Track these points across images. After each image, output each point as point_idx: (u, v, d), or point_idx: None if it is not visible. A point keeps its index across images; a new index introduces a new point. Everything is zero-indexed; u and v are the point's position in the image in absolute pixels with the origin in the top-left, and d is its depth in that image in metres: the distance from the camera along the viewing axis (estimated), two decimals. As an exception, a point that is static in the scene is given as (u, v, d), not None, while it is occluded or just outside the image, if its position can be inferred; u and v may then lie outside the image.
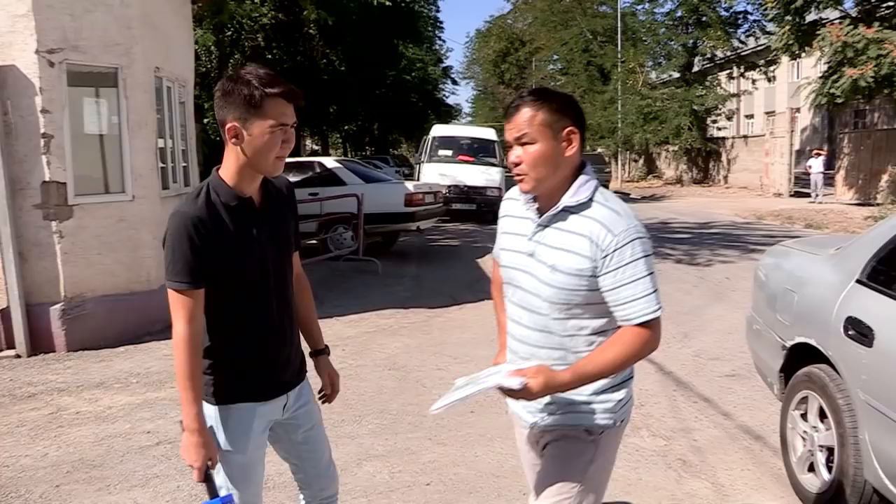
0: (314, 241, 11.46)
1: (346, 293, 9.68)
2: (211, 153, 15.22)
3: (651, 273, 2.06)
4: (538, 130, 2.06)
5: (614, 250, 2.03)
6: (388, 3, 25.45)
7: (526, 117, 2.07)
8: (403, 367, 6.47)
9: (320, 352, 2.73)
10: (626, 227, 2.05)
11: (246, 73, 2.19)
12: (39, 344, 6.81)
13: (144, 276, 7.41)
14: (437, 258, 12.97)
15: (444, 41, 42.25)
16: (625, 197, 30.50)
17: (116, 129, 7.26)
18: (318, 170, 12.66)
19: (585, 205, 2.10)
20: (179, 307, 2.23)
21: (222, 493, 2.34)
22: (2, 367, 6.50)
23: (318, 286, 9.81)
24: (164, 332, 7.55)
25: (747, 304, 5.13)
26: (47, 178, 6.70)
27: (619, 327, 2.11)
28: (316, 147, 42.17)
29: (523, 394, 2.02)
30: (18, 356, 6.72)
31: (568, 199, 2.11)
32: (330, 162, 13.24)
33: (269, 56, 25.34)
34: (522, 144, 2.08)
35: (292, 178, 12.23)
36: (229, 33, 22.78)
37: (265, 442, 2.51)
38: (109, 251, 7.10)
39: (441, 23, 42.40)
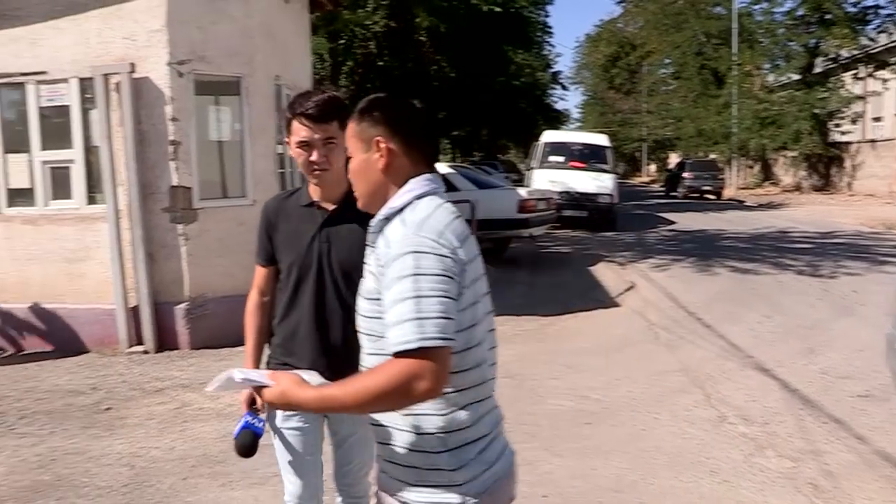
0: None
1: (457, 298, 9.68)
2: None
3: (418, 297, 1.63)
4: (350, 143, 1.91)
5: (386, 266, 1.72)
6: (497, 9, 25.48)
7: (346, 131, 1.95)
8: (518, 374, 6.40)
9: None
10: (402, 237, 1.71)
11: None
12: (165, 341, 7.13)
13: (262, 278, 7.62)
14: (549, 265, 12.85)
15: (553, 46, 41.79)
16: (739, 204, 29.38)
17: (238, 136, 7.54)
18: (431, 175, 12.75)
19: (389, 219, 1.83)
20: (254, 277, 2.74)
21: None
22: (132, 362, 6.84)
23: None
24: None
25: (881, 320, 4.80)
26: (175, 183, 7.02)
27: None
28: (425, 152, 42.60)
29: (261, 396, 1.83)
30: (146, 352, 7.06)
31: (379, 214, 1.86)
32: (443, 167, 13.33)
33: (381, 63, 25.76)
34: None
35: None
36: (342, 41, 23.30)
37: (307, 424, 2.63)
38: (229, 253, 7.35)
39: (550, 28, 42.02)
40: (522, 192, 12.69)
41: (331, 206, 2.57)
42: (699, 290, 10.33)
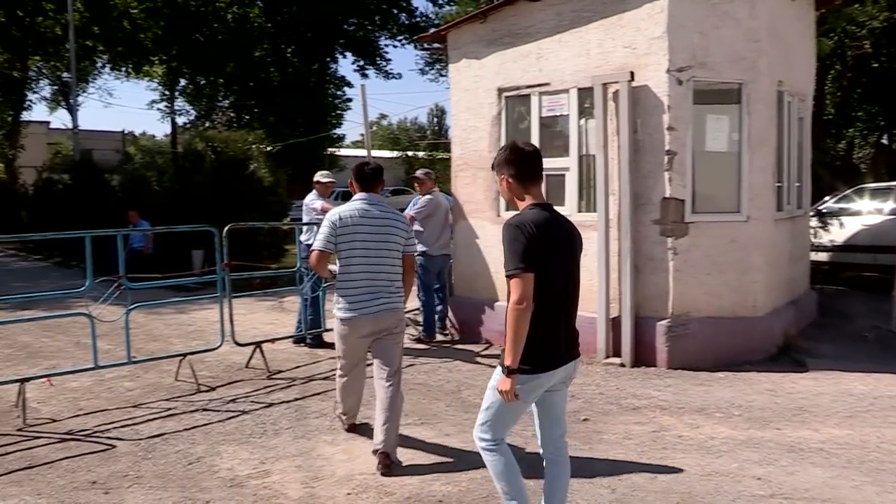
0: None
1: None
2: (830, 176, 13.82)
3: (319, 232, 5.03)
4: None
5: None
6: None
7: None
8: None
9: None
10: None
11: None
12: (642, 356, 6.95)
13: (751, 301, 7.02)
14: None
15: None
16: None
17: (735, 147, 7.02)
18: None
19: None
20: None
21: None
22: (608, 374, 6.78)
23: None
24: (766, 363, 7.11)
25: None
26: (667, 195, 6.78)
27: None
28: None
29: None
30: (622, 365, 6.95)
31: None
32: None
33: (875, 65, 22.78)
34: None
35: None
36: (830, 41, 21.10)
37: None
38: (718, 272, 6.90)
39: None
40: None
41: None
42: None
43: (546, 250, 3.32)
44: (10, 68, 29.17)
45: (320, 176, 8.55)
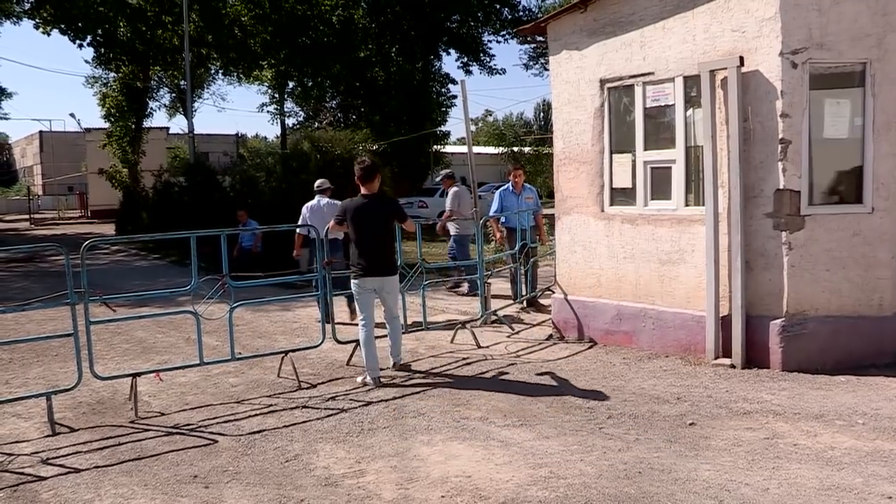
0: None
1: None
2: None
3: None
4: None
5: None
6: None
7: None
8: None
9: None
10: None
11: None
12: (753, 357, 6.57)
13: (876, 299, 6.53)
14: None
15: None
16: None
17: (858, 133, 6.52)
18: None
19: None
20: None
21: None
22: (717, 376, 6.44)
23: None
24: (894, 367, 6.59)
25: None
26: (781, 186, 6.37)
27: None
28: None
29: None
30: (733, 366, 6.58)
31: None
32: None
33: None
34: None
35: None
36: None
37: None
38: (839, 268, 6.44)
39: None
40: None
41: None
42: None
43: (353, 218, 6.66)
44: (133, 79, 30.75)
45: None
